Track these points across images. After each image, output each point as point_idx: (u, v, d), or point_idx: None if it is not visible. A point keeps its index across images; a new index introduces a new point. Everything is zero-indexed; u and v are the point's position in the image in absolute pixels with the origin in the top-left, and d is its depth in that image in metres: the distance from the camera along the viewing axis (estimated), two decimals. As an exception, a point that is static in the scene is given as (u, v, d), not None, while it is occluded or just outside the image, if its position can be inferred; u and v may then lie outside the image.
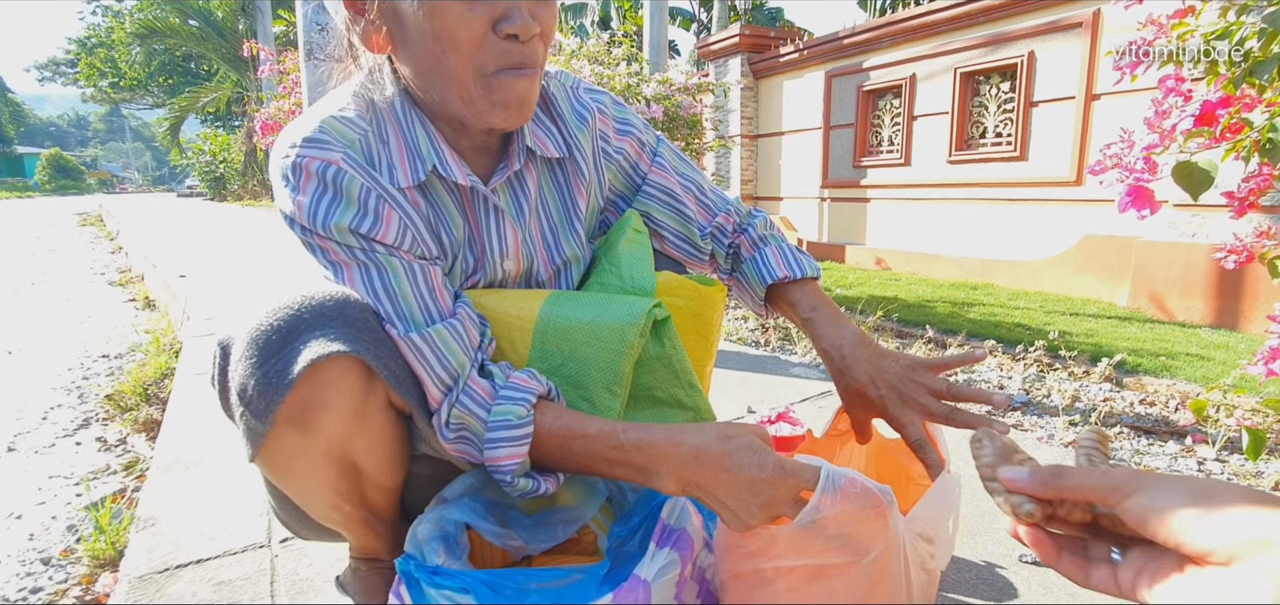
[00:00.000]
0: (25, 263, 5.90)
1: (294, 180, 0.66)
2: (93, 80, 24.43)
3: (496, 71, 0.66)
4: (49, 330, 3.27)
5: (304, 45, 2.87)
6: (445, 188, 0.75)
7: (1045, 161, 4.49)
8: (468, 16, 0.63)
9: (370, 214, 0.67)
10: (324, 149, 0.67)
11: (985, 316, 3.30)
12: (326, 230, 0.66)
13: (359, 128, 0.70)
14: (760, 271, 0.90)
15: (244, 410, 0.62)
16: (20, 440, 1.92)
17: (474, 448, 0.69)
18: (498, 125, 0.70)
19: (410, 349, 0.67)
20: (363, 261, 0.68)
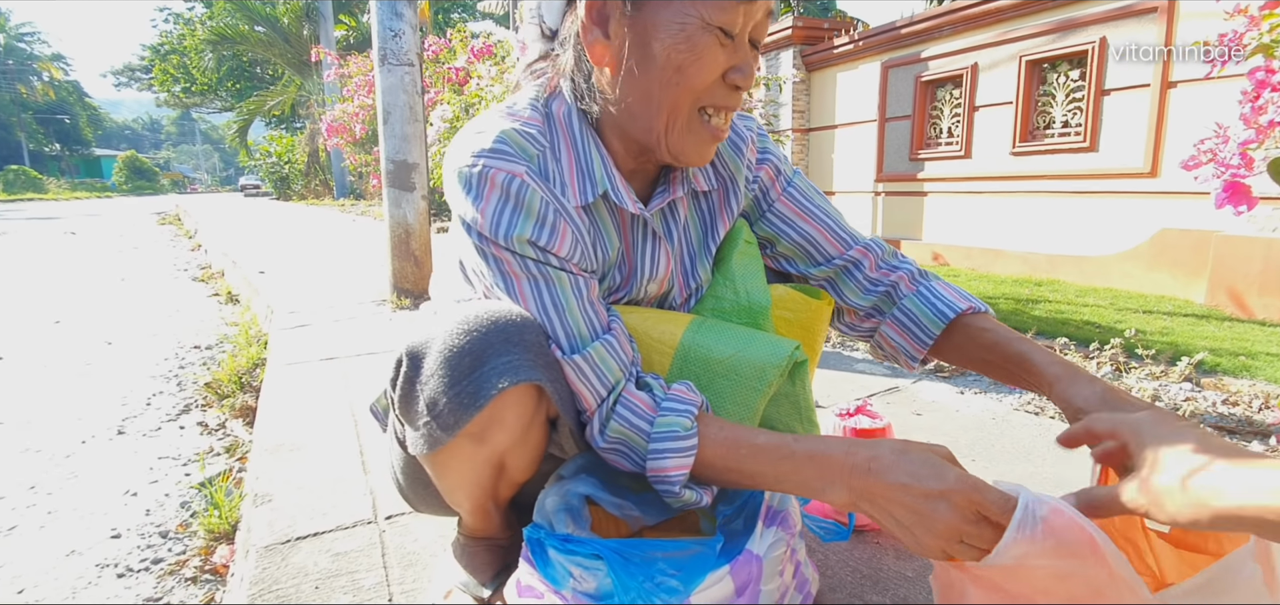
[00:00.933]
0: (114, 260, 6.32)
1: (477, 189, 0.70)
2: (166, 85, 25.82)
3: (707, 112, 0.72)
4: (142, 323, 3.52)
5: (378, 52, 3.00)
6: (608, 209, 0.79)
7: (1117, 152, 4.31)
8: (717, 59, 0.69)
9: (547, 227, 0.70)
10: (508, 161, 0.70)
11: (1052, 313, 3.20)
12: (506, 241, 0.70)
13: (538, 144, 0.74)
14: (934, 305, 0.86)
15: (432, 421, 0.68)
16: (129, 424, 2.09)
17: (634, 457, 0.71)
18: (685, 161, 0.75)
19: (573, 369, 0.71)
20: (534, 275, 0.71)
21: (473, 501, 0.80)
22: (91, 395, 2.35)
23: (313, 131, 16.45)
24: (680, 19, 0.67)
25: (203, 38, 18.29)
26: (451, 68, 5.94)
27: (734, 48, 0.69)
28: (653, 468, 0.69)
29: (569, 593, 0.66)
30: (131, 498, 1.61)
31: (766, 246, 0.94)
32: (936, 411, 1.73)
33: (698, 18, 0.66)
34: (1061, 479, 1.32)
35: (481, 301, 0.73)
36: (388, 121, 3.05)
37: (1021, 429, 1.59)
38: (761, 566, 0.66)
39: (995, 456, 1.43)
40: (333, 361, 2.20)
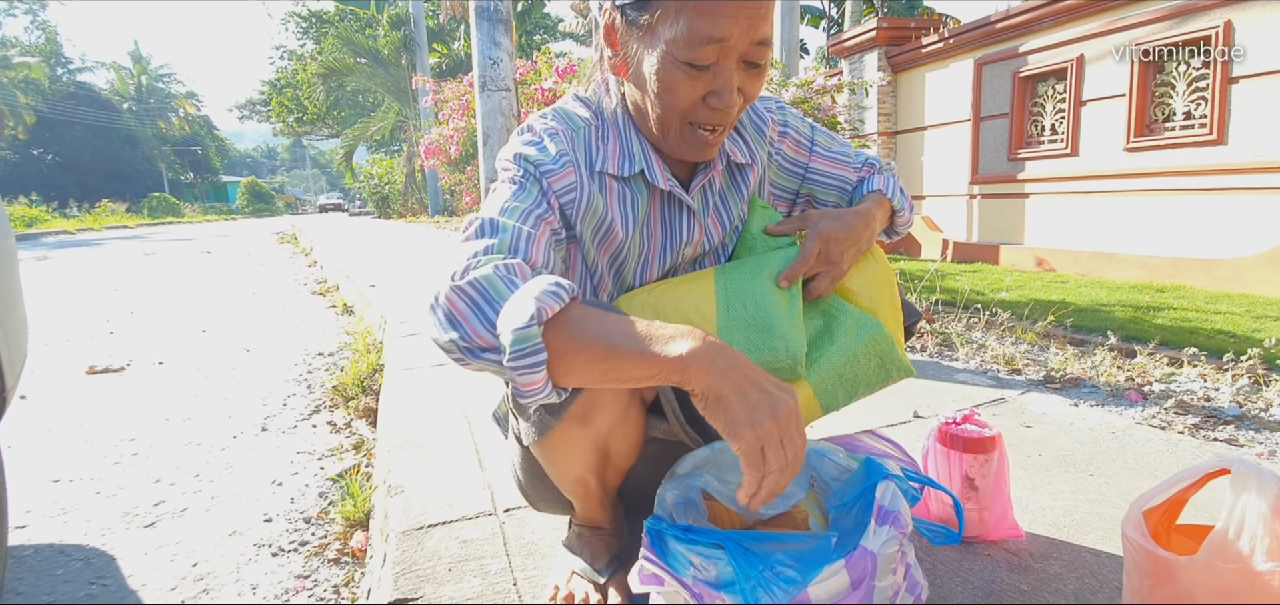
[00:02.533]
0: (244, 276, 7.00)
1: (525, 132, 0.87)
2: (282, 116, 28.29)
3: (695, 125, 0.82)
4: (274, 332, 3.89)
5: (479, 79, 3.21)
6: (645, 185, 0.90)
7: (1250, 144, 3.93)
8: (688, 87, 0.78)
9: (551, 160, 0.83)
10: (551, 120, 0.88)
11: (1177, 321, 2.96)
12: (517, 160, 0.84)
13: (586, 120, 0.89)
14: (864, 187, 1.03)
15: (541, 407, 0.75)
16: (270, 422, 2.34)
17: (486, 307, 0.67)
18: (689, 158, 0.87)
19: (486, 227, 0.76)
20: (518, 180, 0.83)
21: (580, 485, 0.88)
22: (237, 396, 2.63)
23: (410, 154, 17.53)
24: (657, 52, 0.77)
25: (314, 71, 19.96)
26: (538, 88, 6.22)
27: (712, 75, 0.77)
28: (517, 301, 0.65)
29: (690, 580, 0.71)
30: (277, 487, 1.81)
31: (811, 201, 1.07)
32: (1047, 423, 1.66)
33: (668, 53, 0.76)
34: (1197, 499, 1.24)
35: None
36: (487, 143, 3.25)
37: (1145, 444, 1.50)
38: (876, 563, 0.69)
39: (1116, 471, 1.36)
40: (442, 367, 2.37)
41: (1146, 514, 0.66)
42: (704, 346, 0.64)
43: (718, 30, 0.73)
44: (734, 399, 0.64)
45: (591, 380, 0.68)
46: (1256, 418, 1.68)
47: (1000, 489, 1.04)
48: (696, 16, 0.73)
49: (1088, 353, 2.40)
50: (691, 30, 0.73)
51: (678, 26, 0.74)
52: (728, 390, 0.64)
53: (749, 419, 0.63)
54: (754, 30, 0.75)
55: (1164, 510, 0.68)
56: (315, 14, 27.33)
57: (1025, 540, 1.07)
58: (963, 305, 3.05)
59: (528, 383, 0.65)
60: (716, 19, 0.73)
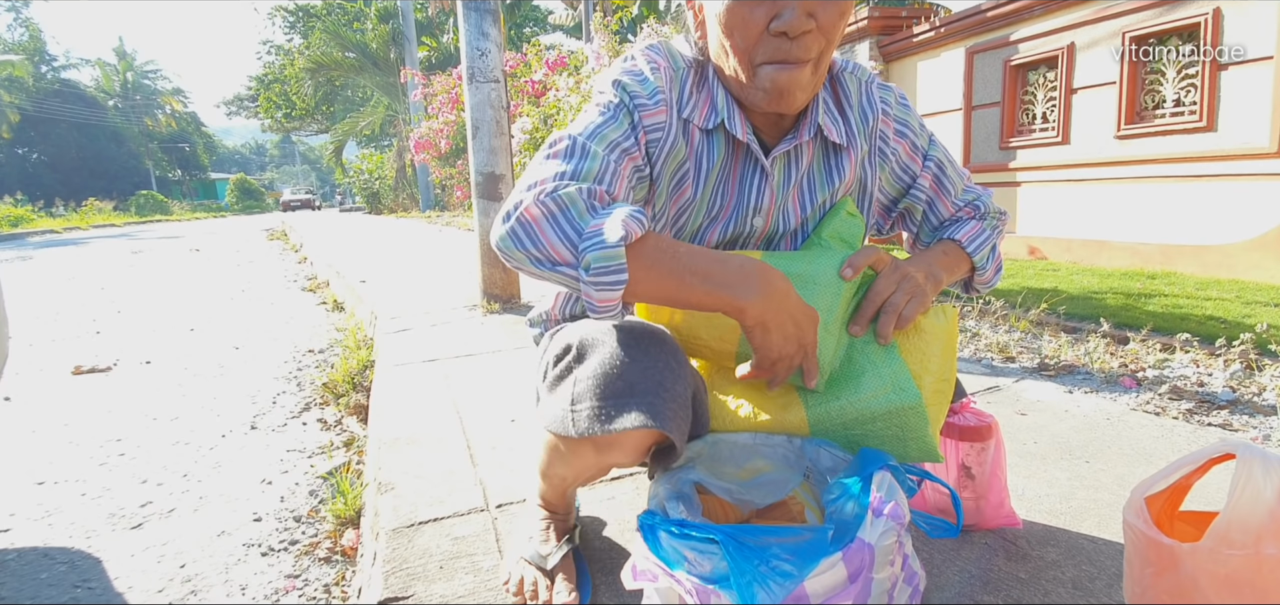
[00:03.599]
0: (233, 273, 6.93)
1: (628, 62, 0.86)
2: (270, 112, 28.04)
3: (763, 63, 0.78)
4: (263, 329, 3.85)
5: (467, 70, 3.17)
6: (726, 141, 0.87)
7: (1238, 130, 3.94)
8: (747, 16, 0.75)
9: (647, 96, 0.82)
10: (660, 55, 0.86)
11: (1169, 308, 2.97)
12: (614, 86, 0.82)
13: (689, 63, 0.87)
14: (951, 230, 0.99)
15: (570, 413, 0.74)
16: (259, 420, 2.31)
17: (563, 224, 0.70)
18: (763, 108, 0.81)
19: (571, 149, 0.76)
20: (610, 103, 0.81)
21: (564, 483, 0.89)
22: (226, 394, 2.60)
23: (400, 148, 17.42)
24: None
25: (302, 66, 19.77)
26: (528, 81, 6.17)
27: (771, 2, 0.74)
28: (600, 222, 0.69)
29: (684, 575, 0.70)
30: (267, 486, 1.79)
31: (906, 218, 1.04)
32: (1042, 410, 1.66)
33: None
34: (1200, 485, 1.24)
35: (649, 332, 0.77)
36: (476, 136, 3.21)
37: (1139, 430, 1.50)
38: (873, 555, 0.68)
39: (1112, 458, 1.36)
40: (434, 363, 2.35)
41: (1149, 500, 0.65)
42: (759, 295, 0.72)
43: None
44: (775, 334, 0.74)
45: (657, 301, 0.74)
46: (1250, 402, 1.68)
47: (997, 477, 1.03)
48: None
49: (1081, 339, 2.41)
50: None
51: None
52: (772, 325, 0.73)
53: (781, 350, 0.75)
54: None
55: (1166, 497, 0.67)
56: (302, 8, 27.05)
57: (1022, 528, 1.06)
58: (954, 296, 3.05)
59: (604, 298, 0.69)
60: None
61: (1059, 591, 0.90)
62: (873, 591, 0.70)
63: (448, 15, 17.09)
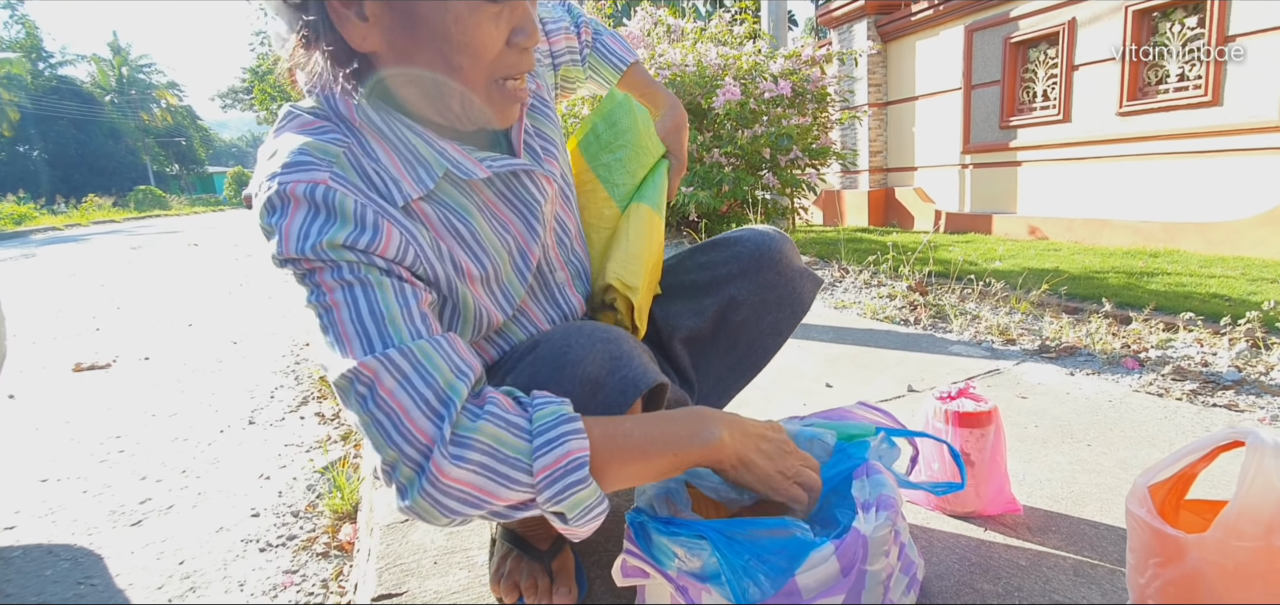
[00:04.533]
0: (231, 267, 6.92)
1: (280, 209, 0.61)
2: (265, 104, 27.85)
3: (505, 80, 0.68)
4: (261, 323, 3.85)
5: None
6: (457, 187, 0.72)
7: (1245, 105, 3.89)
8: (492, 29, 0.64)
9: (367, 228, 0.62)
10: (307, 170, 0.62)
11: (1172, 286, 2.94)
12: (317, 253, 0.60)
13: (340, 142, 0.65)
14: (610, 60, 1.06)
15: None
16: (257, 414, 2.30)
17: (505, 469, 0.59)
18: (496, 126, 0.71)
19: (387, 367, 0.59)
20: (348, 282, 0.61)
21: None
22: (224, 389, 2.60)
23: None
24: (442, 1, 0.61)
25: (296, 56, 19.60)
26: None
27: (511, 9, 0.65)
28: (546, 463, 0.59)
29: (674, 572, 0.69)
30: (265, 481, 1.78)
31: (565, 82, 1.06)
32: (1043, 394, 1.64)
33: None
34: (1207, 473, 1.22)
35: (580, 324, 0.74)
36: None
37: (1142, 412, 1.49)
38: (867, 546, 0.66)
39: (1114, 441, 1.34)
40: (431, 355, 2.34)
41: (1152, 489, 0.64)
42: (723, 427, 0.68)
43: None
44: (758, 459, 0.70)
45: (627, 484, 0.67)
46: (1256, 382, 1.66)
47: (996, 463, 1.02)
48: None
49: (1082, 320, 2.39)
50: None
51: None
52: (751, 453, 0.70)
53: (777, 469, 0.71)
54: None
55: (1171, 485, 0.65)
56: (296, -3, 26.83)
57: (1023, 514, 1.05)
58: (956, 276, 3.02)
59: (590, 527, 0.64)
60: None
61: (1060, 579, 0.89)
62: (867, 583, 0.68)
63: None
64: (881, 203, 6.81)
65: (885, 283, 3.13)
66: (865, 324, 2.49)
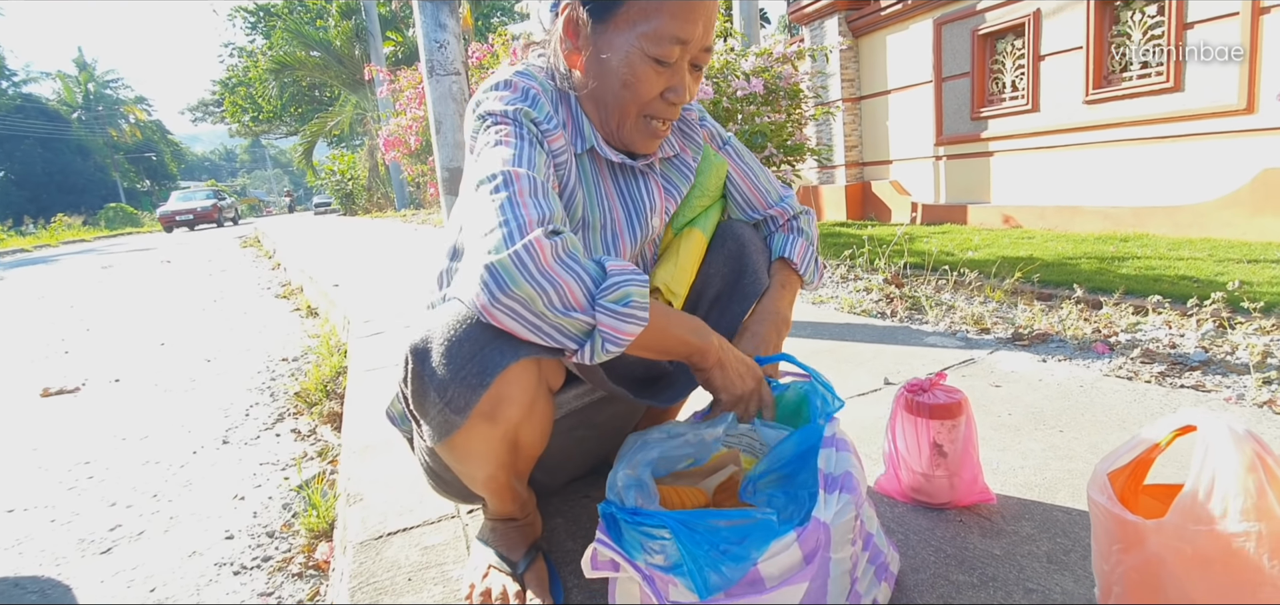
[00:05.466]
0: (205, 283, 6.79)
1: (503, 89, 0.87)
2: (236, 116, 27.40)
3: (650, 117, 0.90)
4: (236, 340, 3.78)
5: (426, 64, 3.10)
6: (592, 163, 0.95)
7: (1206, 90, 3.98)
8: (653, 80, 0.86)
9: (547, 121, 0.86)
10: (531, 79, 0.89)
11: (1141, 270, 3.00)
12: (514, 116, 0.84)
13: (549, 86, 0.91)
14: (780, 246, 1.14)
15: (444, 407, 0.75)
16: (232, 434, 2.26)
17: (577, 268, 0.73)
18: (634, 149, 0.94)
19: (528, 180, 0.77)
20: (522, 136, 0.83)
21: (493, 481, 0.88)
22: (198, 409, 2.54)
23: (371, 147, 17.13)
24: (626, 47, 0.84)
25: (265, 68, 19.32)
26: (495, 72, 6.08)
27: (671, 72, 0.86)
28: (617, 266, 0.75)
29: (643, 563, 0.68)
30: (239, 501, 1.74)
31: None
32: (1016, 381, 1.66)
33: (639, 48, 0.83)
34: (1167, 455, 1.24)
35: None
36: (440, 131, 3.15)
37: (1112, 395, 1.51)
38: (829, 534, 0.66)
39: (1085, 426, 1.36)
40: (408, 366, 2.31)
41: (1112, 476, 0.64)
42: (715, 337, 0.88)
43: (684, 32, 0.83)
44: (731, 364, 0.89)
45: (639, 347, 0.78)
46: (1222, 361, 1.70)
47: (969, 453, 1.02)
48: (669, 18, 0.82)
49: (1055, 307, 2.42)
50: (661, 29, 0.82)
51: (649, 24, 0.82)
52: (728, 359, 0.89)
53: (738, 383, 0.90)
54: (708, 36, 0.86)
55: (1130, 470, 0.66)
56: (262, 7, 26.44)
57: (997, 503, 1.06)
58: (932, 267, 3.06)
59: (628, 331, 0.74)
60: (684, 22, 0.82)
61: (1034, 567, 0.90)
62: (832, 571, 0.68)
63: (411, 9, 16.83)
64: (859, 196, 6.87)
65: (862, 276, 3.16)
66: (842, 318, 2.51)
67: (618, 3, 0.83)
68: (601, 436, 1.12)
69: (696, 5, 0.83)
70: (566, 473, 1.16)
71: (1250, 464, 0.52)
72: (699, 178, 1.09)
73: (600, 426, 1.09)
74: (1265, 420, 1.33)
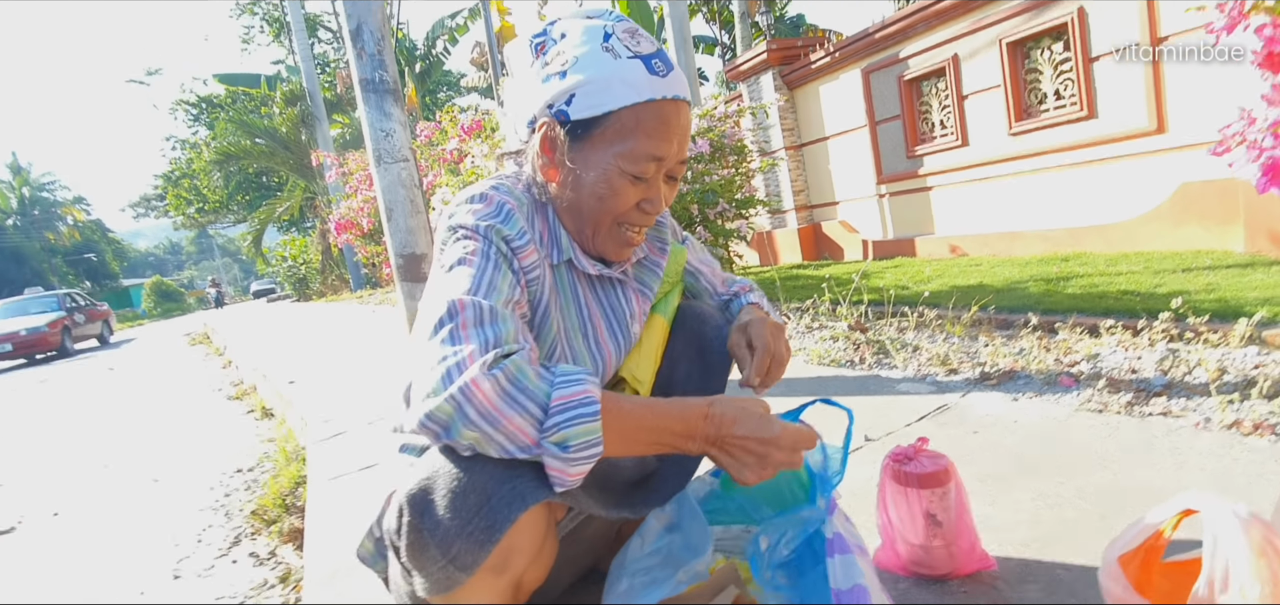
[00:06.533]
0: (152, 389, 6.45)
1: (478, 202, 0.87)
2: (181, 209, 26.68)
3: (626, 226, 0.91)
4: (184, 452, 3.56)
5: (373, 153, 3.07)
6: (568, 274, 0.95)
7: (1119, 115, 4.25)
8: (630, 194, 0.88)
9: (519, 238, 0.86)
10: (506, 193, 0.89)
11: (1086, 289, 3.12)
12: (484, 232, 0.84)
13: (525, 198, 0.91)
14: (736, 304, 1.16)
15: (448, 564, 0.70)
16: (183, 565, 2.09)
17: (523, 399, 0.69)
18: (609, 257, 0.95)
19: (475, 307, 0.75)
20: (489, 255, 0.82)
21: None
22: (145, 540, 2.36)
23: (323, 231, 16.82)
24: (603, 164, 0.85)
25: (209, 158, 18.91)
26: (444, 150, 6.06)
27: (648, 185, 0.88)
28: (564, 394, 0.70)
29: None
30: (195, 647, 1.60)
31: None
32: (992, 425, 1.68)
33: (616, 166, 0.85)
34: (1148, 485, 1.26)
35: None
36: (392, 218, 3.11)
37: (1087, 431, 1.53)
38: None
39: (1067, 469, 1.37)
40: (373, 469, 2.20)
41: (1123, 560, 0.63)
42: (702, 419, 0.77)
43: (659, 150, 0.85)
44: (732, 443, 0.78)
45: (621, 445, 0.74)
46: (1183, 384, 1.75)
47: (964, 519, 1.01)
48: (645, 138, 0.84)
49: (1014, 336, 2.48)
50: (637, 149, 0.84)
51: (625, 145, 0.84)
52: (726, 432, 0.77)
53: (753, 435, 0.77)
54: (682, 151, 0.89)
55: (1143, 554, 0.65)
56: (204, 99, 26.05)
57: (997, 568, 1.04)
58: (890, 305, 3.12)
59: (578, 472, 0.70)
60: (660, 141, 0.85)
61: (1043, 634, 0.88)
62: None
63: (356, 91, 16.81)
64: (811, 238, 7.04)
65: (826, 324, 3.19)
66: (813, 371, 2.52)
67: (594, 125, 0.84)
68: (592, 547, 1.07)
69: (672, 125, 0.85)
70: (556, 589, 1.10)
71: (1260, 548, 0.52)
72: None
73: (590, 539, 1.04)
74: (1236, 444, 1.37)
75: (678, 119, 0.86)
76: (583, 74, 0.83)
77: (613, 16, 0.88)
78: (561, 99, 0.85)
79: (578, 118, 0.84)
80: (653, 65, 0.84)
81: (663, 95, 0.84)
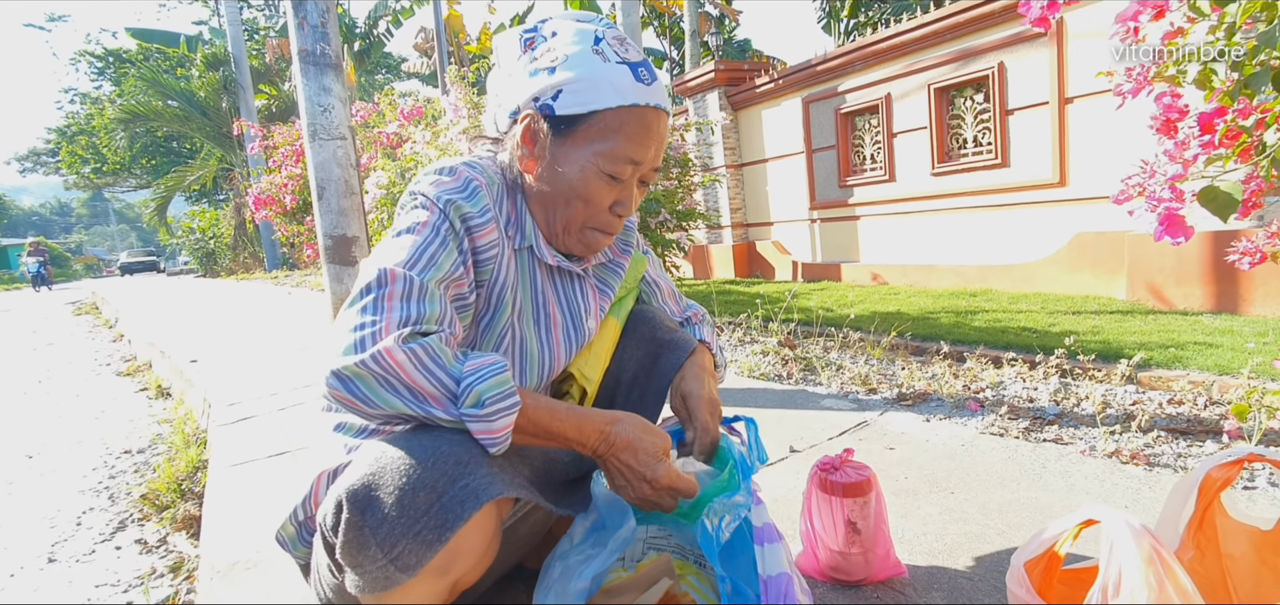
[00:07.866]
0: (28, 359, 5.85)
1: (445, 175, 0.87)
2: (75, 168, 24.39)
3: (595, 227, 0.93)
4: (64, 429, 3.25)
5: (308, 128, 2.92)
6: (531, 259, 0.95)
7: (1027, 166, 4.62)
8: (605, 193, 0.89)
9: (479, 218, 0.86)
10: (478, 172, 0.89)
11: (991, 323, 3.36)
12: (442, 205, 0.83)
13: (497, 180, 0.92)
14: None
15: (388, 563, 0.67)
16: (59, 549, 1.91)
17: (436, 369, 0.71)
18: (575, 254, 0.97)
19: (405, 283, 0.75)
20: (439, 229, 0.82)
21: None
22: (16, 520, 2.13)
23: (238, 204, 15.81)
24: (582, 161, 0.87)
25: (113, 117, 17.35)
26: (382, 132, 5.84)
27: (622, 187, 0.90)
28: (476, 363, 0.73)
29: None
30: (67, 640, 1.46)
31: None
32: (907, 443, 1.78)
33: (594, 164, 0.87)
34: (1041, 504, 1.36)
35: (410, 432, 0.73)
36: (323, 197, 2.96)
37: (990, 453, 1.65)
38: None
39: (972, 486, 1.47)
40: (285, 456, 2.08)
41: (1028, 567, 0.69)
42: (600, 440, 0.81)
43: (638, 154, 0.87)
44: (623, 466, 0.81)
45: (527, 431, 0.76)
46: (1073, 414, 1.92)
47: (881, 529, 1.06)
48: (625, 140, 0.86)
49: (927, 362, 2.64)
50: (617, 150, 0.86)
51: (606, 144, 0.86)
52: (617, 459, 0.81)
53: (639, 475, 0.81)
54: (658, 157, 0.91)
55: (1045, 561, 0.71)
56: (113, 53, 24.01)
57: (908, 576, 1.10)
58: (817, 325, 3.25)
59: (502, 426, 0.71)
60: (640, 144, 0.87)
61: (946, 637, 0.94)
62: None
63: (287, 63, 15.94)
64: (745, 255, 7.23)
65: (757, 339, 3.29)
66: (743, 383, 2.58)
67: (578, 122, 0.86)
68: (522, 545, 1.06)
69: (652, 131, 0.88)
70: (482, 586, 1.08)
71: (1149, 557, 0.58)
72: None
73: (522, 538, 1.03)
74: (1116, 471, 1.51)
75: (657, 126, 0.89)
76: (572, 72, 0.85)
77: (603, 23, 0.90)
78: (548, 94, 0.86)
79: (563, 113, 0.86)
80: (639, 73, 0.87)
81: (646, 102, 0.87)
